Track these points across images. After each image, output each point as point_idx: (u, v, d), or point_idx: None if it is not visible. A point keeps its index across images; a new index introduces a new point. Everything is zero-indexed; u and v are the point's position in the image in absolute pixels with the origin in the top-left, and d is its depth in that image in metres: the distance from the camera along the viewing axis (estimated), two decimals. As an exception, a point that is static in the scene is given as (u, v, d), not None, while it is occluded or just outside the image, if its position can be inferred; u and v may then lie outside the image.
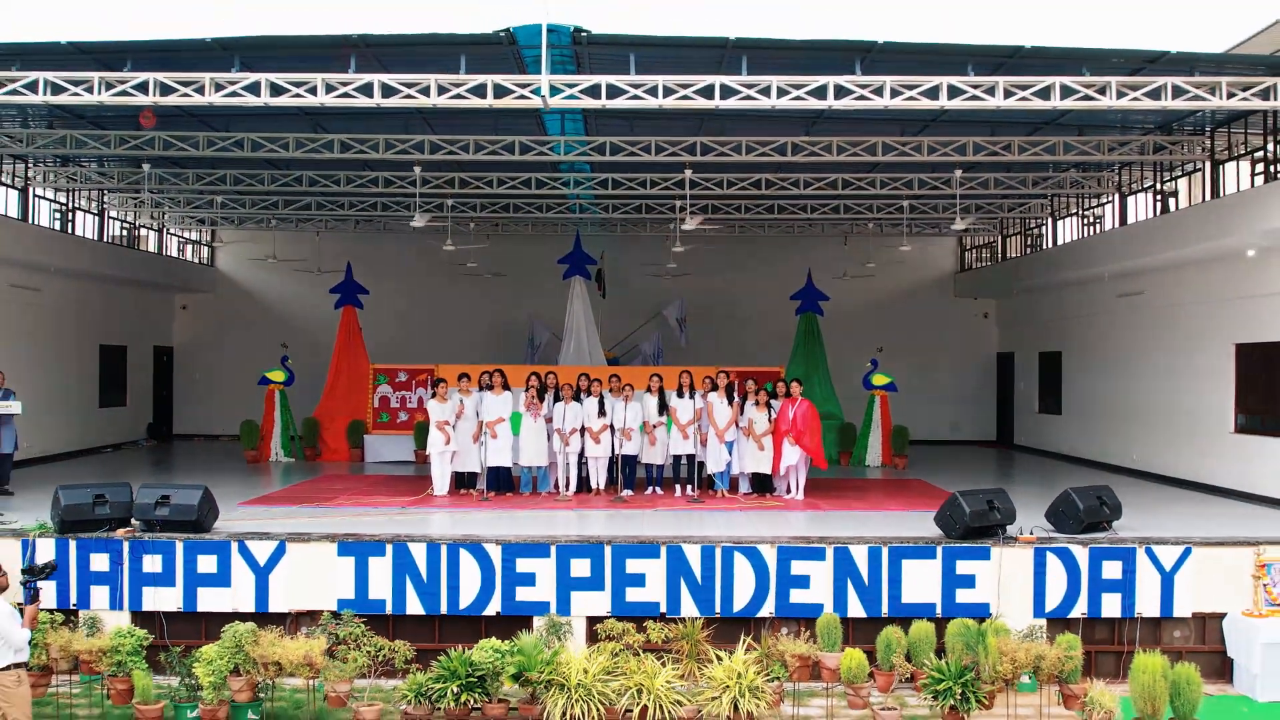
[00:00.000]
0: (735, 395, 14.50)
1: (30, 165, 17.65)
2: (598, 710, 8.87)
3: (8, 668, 8.01)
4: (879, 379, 18.90)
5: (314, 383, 20.19)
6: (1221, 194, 14.83)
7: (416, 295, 23.71)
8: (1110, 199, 18.33)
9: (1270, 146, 13.71)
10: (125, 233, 21.81)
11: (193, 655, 9.32)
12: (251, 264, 23.92)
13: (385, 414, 18.89)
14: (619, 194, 18.27)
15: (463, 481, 14.33)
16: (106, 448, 20.60)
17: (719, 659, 9.29)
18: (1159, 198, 16.74)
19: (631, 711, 8.96)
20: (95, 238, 20.36)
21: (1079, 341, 19.89)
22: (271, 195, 19.02)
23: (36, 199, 18.42)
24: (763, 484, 14.25)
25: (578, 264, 19.68)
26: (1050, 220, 20.86)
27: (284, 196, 19.02)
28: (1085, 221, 19.45)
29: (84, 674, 9.71)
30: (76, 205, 19.64)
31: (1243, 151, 14.55)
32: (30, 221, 17.97)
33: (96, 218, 20.37)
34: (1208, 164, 15.07)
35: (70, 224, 19.43)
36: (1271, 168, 13.62)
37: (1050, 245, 20.85)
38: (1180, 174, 16.33)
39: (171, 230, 23.43)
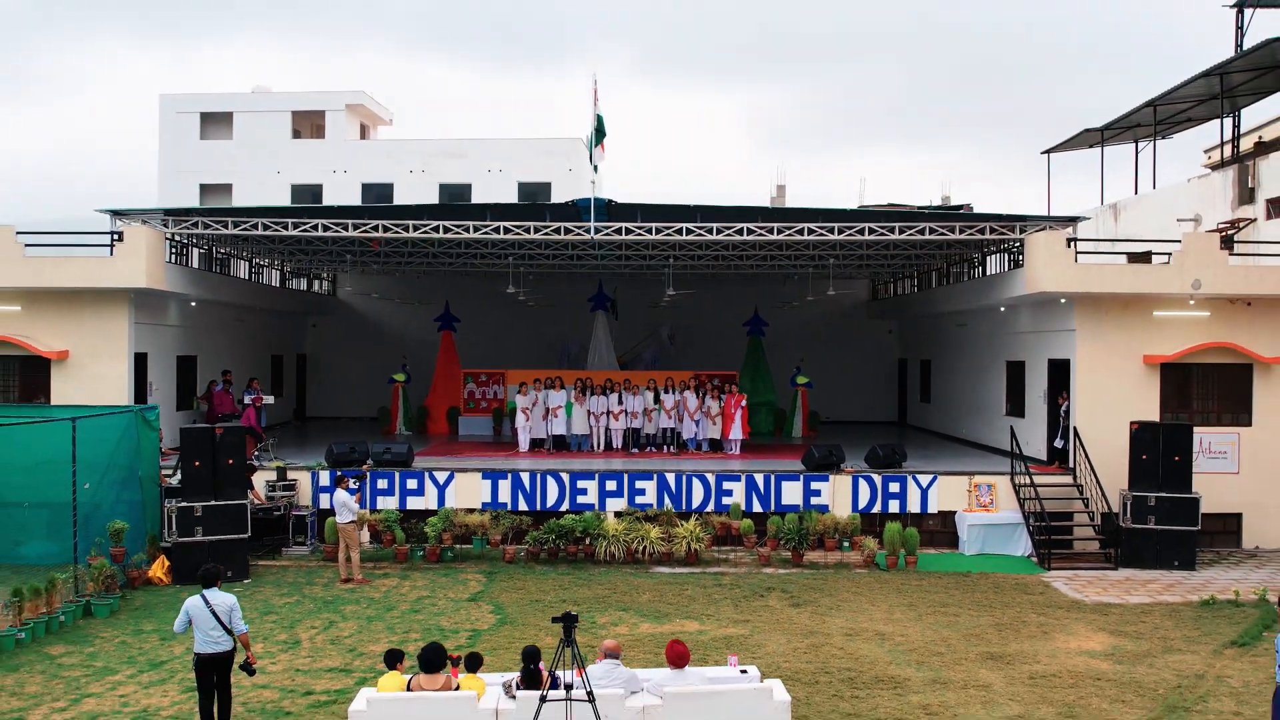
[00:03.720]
0: (702, 391, 23.91)
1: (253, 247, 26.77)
2: (621, 548, 18.26)
3: (351, 522, 17.40)
4: (801, 379, 28.20)
5: (414, 380, 29.38)
6: (988, 273, 24.14)
7: (488, 319, 32.54)
8: (940, 266, 27.56)
9: (1008, 250, 23.00)
10: (279, 274, 31.05)
11: (422, 524, 18.72)
12: (363, 292, 33.06)
13: (472, 403, 28.14)
14: (629, 260, 27.34)
15: (535, 444, 23.70)
16: (274, 426, 29.88)
17: (681, 524, 18.70)
18: (971, 268, 26.00)
19: (638, 550, 18.33)
20: (278, 284, 29.64)
21: (938, 353, 29.25)
22: (402, 256, 27.90)
23: (253, 264, 27.73)
24: (715, 445, 23.68)
25: (600, 301, 29.02)
26: (916, 273, 30.01)
27: (410, 258, 27.89)
28: (938, 275, 28.68)
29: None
30: (264, 263, 28.91)
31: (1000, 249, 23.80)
32: (249, 278, 27.28)
33: (279, 271, 29.70)
34: (980, 254, 24.37)
35: (260, 275, 28.72)
36: (1014, 259, 22.89)
37: (919, 289, 30.06)
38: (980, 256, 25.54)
39: (315, 273, 32.69)
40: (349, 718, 9.78)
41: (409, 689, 9.88)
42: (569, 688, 9.34)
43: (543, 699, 9.26)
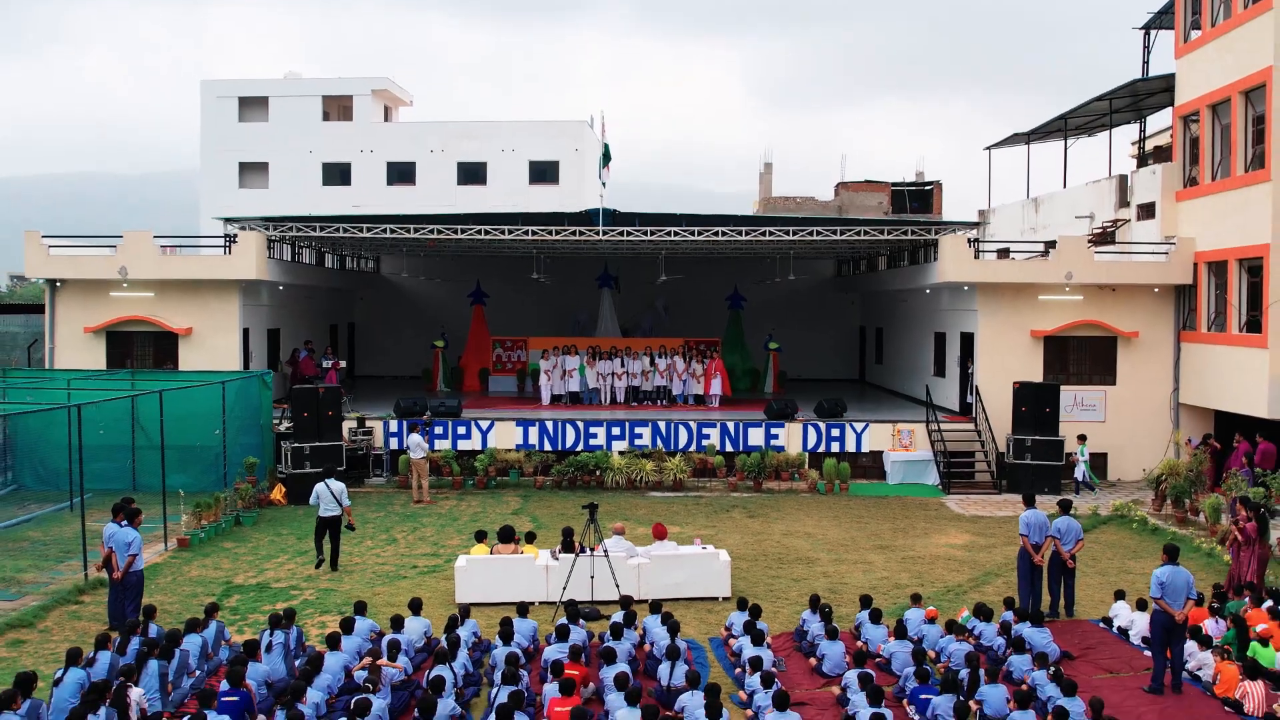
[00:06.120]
0: (688, 355, 29.69)
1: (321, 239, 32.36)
2: (623, 478, 24.14)
3: (422, 458, 23.26)
4: (773, 345, 33.94)
5: (451, 345, 35.06)
6: (921, 262, 29.78)
7: (512, 295, 37.72)
8: (887, 253, 33.14)
9: (928, 248, 28.53)
10: (335, 257, 36.65)
11: (472, 460, 24.58)
12: (402, 270, 38.62)
13: (499, 364, 33.89)
14: (630, 246, 32.96)
15: (555, 398, 29.52)
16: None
17: (670, 460, 24.56)
18: (909, 256, 31.63)
19: (637, 479, 24.20)
20: (333, 266, 35.29)
21: (888, 323, 34.98)
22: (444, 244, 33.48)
23: (321, 252, 33.35)
24: (699, 399, 29.54)
25: (605, 280, 34.71)
26: (870, 256, 35.58)
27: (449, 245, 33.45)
28: (887, 259, 34.30)
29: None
30: (324, 250, 34.55)
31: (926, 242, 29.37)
32: (314, 263, 32.93)
33: (337, 257, 35.34)
34: (911, 246, 29.99)
35: (322, 259, 34.36)
36: (932, 254, 28.48)
37: (873, 270, 35.62)
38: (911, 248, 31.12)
39: (363, 256, 38.30)
40: (455, 571, 15.71)
41: (491, 553, 15.80)
42: (592, 551, 15.24)
43: (575, 558, 15.15)
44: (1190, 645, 13.01)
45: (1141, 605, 14.32)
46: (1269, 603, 14.09)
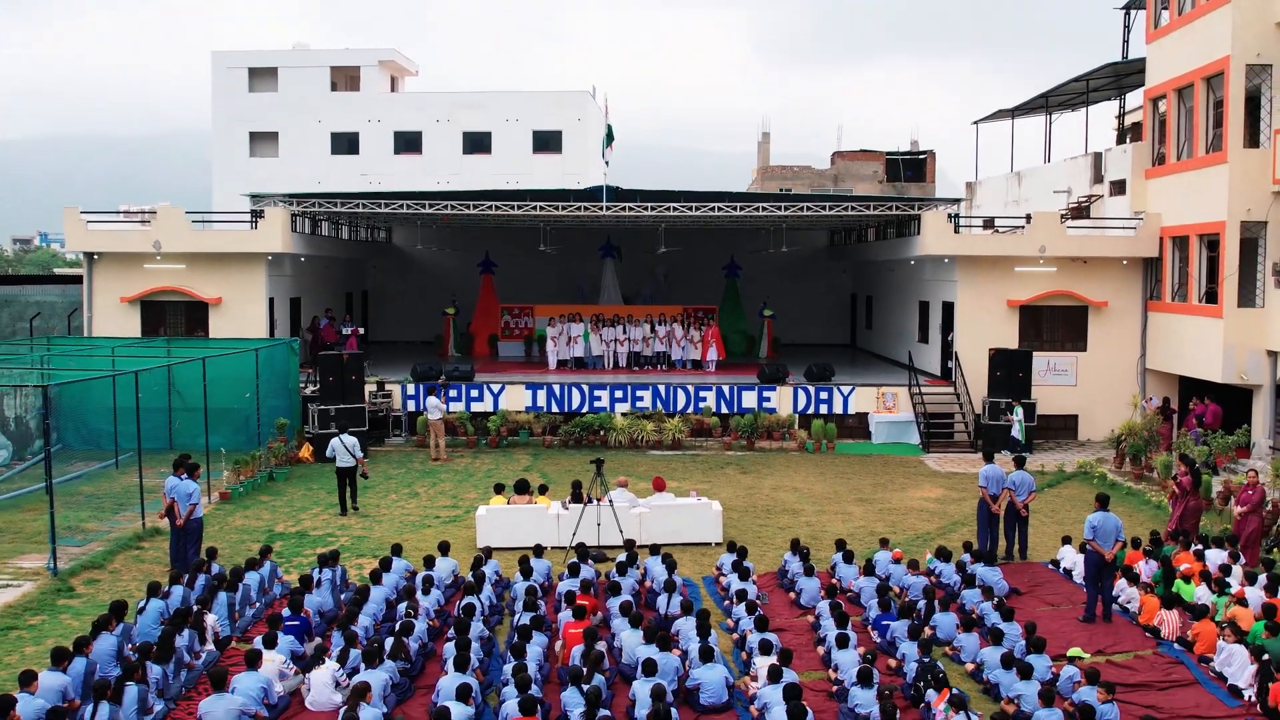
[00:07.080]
0: (686, 322, 31.46)
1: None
2: (626, 437, 26.00)
3: (439, 419, 25.12)
4: (767, 312, 35.68)
5: (461, 312, 36.80)
6: (907, 234, 31.47)
7: (519, 264, 39.41)
8: (877, 225, 34.84)
9: (913, 221, 30.19)
10: (350, 228, 38.28)
11: (484, 421, 26.43)
12: (413, 240, 40.30)
13: (508, 330, 35.64)
14: (632, 221, 34.63)
15: (561, 363, 31.34)
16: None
17: (669, 421, 26.41)
18: (896, 228, 33.29)
19: (638, 439, 26.07)
20: (348, 237, 36.98)
21: (877, 291, 36.71)
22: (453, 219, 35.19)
23: (337, 225, 35.00)
24: (696, 364, 31.37)
25: (608, 250, 36.39)
26: (860, 227, 37.25)
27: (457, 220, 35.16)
28: (876, 231, 35.97)
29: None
30: (340, 222, 36.20)
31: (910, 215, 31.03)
32: (337, 235, 34.60)
33: (349, 228, 37.01)
34: (899, 221, 31.65)
35: (339, 231, 36.05)
36: (917, 228, 30.15)
37: (863, 241, 37.28)
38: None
39: (377, 226, 39.95)
40: (476, 520, 17.60)
41: (508, 503, 17.68)
42: (598, 501, 17.11)
43: (584, 507, 17.03)
44: (1121, 582, 14.92)
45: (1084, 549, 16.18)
46: (1197, 546, 16.00)
